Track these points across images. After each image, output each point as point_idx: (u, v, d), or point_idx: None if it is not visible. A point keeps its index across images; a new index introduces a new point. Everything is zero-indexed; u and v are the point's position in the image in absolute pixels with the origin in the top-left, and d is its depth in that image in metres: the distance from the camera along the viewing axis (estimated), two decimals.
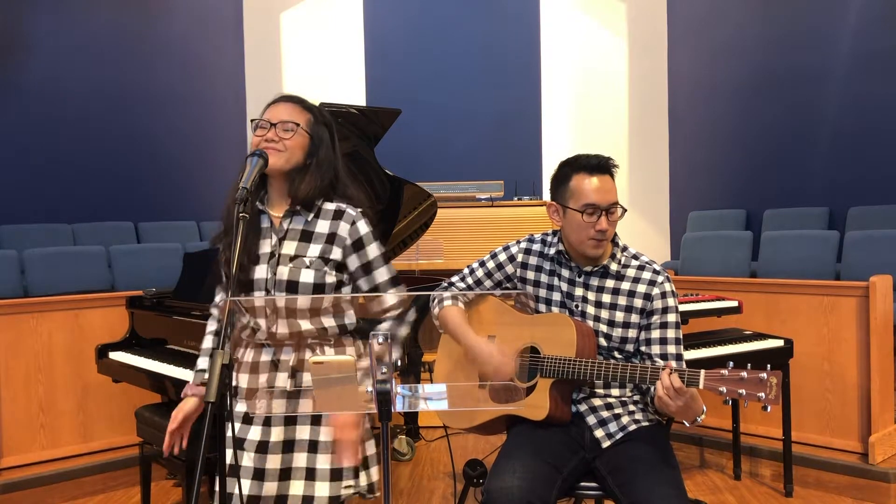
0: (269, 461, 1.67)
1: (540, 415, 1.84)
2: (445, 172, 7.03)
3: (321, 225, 1.72)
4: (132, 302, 3.09)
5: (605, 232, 1.85)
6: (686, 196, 7.35)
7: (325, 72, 7.96)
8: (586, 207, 1.85)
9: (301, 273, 1.67)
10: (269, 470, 1.67)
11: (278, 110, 1.72)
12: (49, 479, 3.15)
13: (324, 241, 1.71)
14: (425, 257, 5.26)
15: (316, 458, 1.70)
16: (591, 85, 7.77)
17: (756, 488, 3.07)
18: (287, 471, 1.69)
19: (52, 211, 6.22)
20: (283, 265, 1.68)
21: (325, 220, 1.73)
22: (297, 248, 1.70)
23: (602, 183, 1.87)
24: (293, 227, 1.72)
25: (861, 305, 3.10)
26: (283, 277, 1.67)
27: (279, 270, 1.68)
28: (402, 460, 3.48)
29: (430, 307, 2.09)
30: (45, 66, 6.27)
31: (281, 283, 1.67)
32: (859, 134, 5.52)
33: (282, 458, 1.68)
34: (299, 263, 1.68)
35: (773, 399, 1.50)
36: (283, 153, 1.68)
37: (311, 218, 1.72)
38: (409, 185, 3.28)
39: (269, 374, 1.69)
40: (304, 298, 1.67)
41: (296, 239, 1.71)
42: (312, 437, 1.70)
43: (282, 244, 1.70)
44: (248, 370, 1.72)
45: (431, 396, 1.40)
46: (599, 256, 1.92)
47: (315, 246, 1.70)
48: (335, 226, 1.72)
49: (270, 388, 1.67)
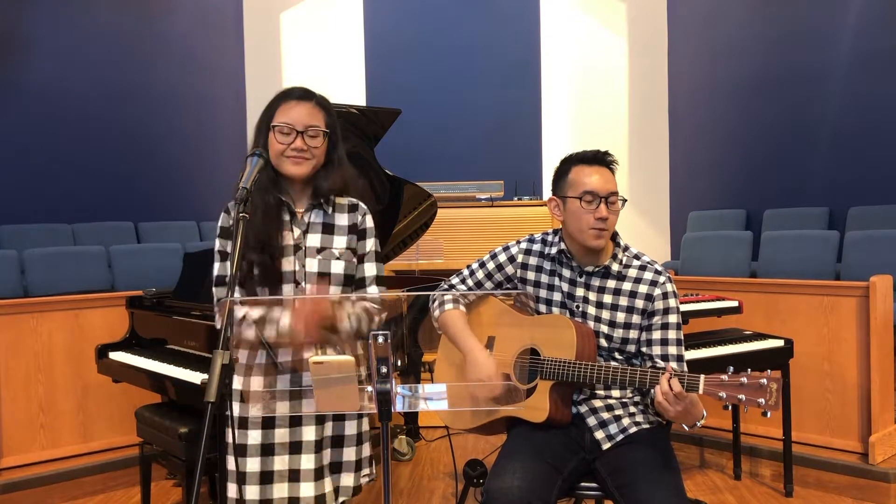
0: (276, 463, 1.68)
1: (540, 417, 1.83)
2: (445, 172, 7.04)
3: (340, 218, 1.79)
4: (132, 302, 3.08)
5: (606, 221, 1.84)
6: (686, 196, 7.34)
7: (325, 72, 7.96)
8: (585, 194, 1.85)
9: (332, 264, 1.73)
10: (277, 472, 1.67)
11: (300, 113, 1.70)
12: (49, 479, 3.15)
13: (347, 233, 1.78)
14: (425, 257, 5.26)
15: (323, 456, 1.71)
16: (591, 85, 7.77)
17: (756, 488, 3.07)
18: (296, 472, 1.69)
19: (52, 211, 6.22)
20: (311, 257, 1.73)
21: (341, 213, 1.80)
22: (322, 240, 1.75)
23: (600, 173, 1.88)
24: (314, 221, 1.76)
25: (861, 305, 3.10)
26: (313, 269, 1.72)
27: (308, 262, 1.72)
28: (402, 460, 3.47)
29: (429, 308, 2.08)
30: (45, 66, 6.27)
31: (311, 275, 1.72)
32: (859, 134, 5.52)
33: (289, 459, 1.69)
34: (328, 255, 1.74)
35: (772, 405, 1.50)
36: (311, 161, 1.72)
37: (331, 211, 1.78)
38: (409, 185, 3.28)
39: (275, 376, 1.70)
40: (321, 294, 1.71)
41: (319, 231, 1.75)
42: (317, 436, 1.71)
43: (306, 237, 1.74)
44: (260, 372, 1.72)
45: (431, 397, 1.40)
46: (600, 250, 1.91)
47: (339, 238, 1.77)
48: (353, 217, 1.81)
49: (271, 390, 1.67)
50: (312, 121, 1.71)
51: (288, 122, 1.69)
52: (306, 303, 1.63)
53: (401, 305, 1.83)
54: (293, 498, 1.69)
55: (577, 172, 1.89)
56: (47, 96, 6.28)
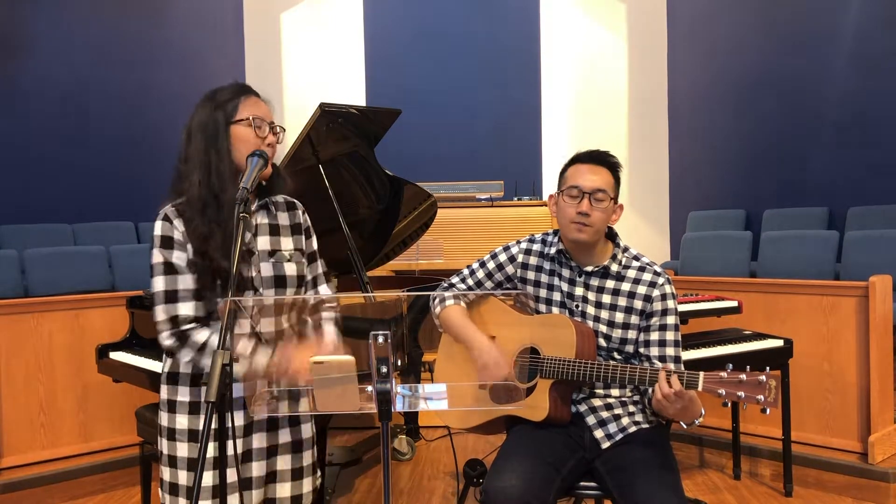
0: (255, 469, 1.67)
1: (539, 415, 1.84)
2: (445, 172, 7.03)
3: (282, 217, 1.74)
4: (132, 302, 3.08)
5: (589, 217, 1.85)
6: (686, 196, 7.35)
7: (326, 72, 7.97)
8: (569, 189, 1.89)
9: (285, 267, 1.68)
10: (255, 478, 1.66)
11: (264, 109, 1.68)
12: (49, 479, 3.15)
13: (291, 233, 1.73)
14: (425, 257, 5.26)
15: (302, 457, 1.72)
16: (591, 85, 7.77)
17: (756, 488, 3.07)
18: (273, 474, 1.69)
19: (52, 211, 6.22)
20: (264, 261, 1.67)
21: (282, 212, 1.74)
22: (271, 242, 1.70)
23: (591, 170, 1.90)
24: (262, 222, 1.71)
25: (861, 305, 3.11)
26: (268, 273, 1.66)
27: (262, 267, 1.66)
28: (403, 460, 3.48)
29: (430, 307, 2.09)
30: (45, 66, 6.28)
31: (268, 279, 1.66)
32: (859, 134, 5.52)
33: (267, 464, 1.68)
34: (280, 258, 1.68)
35: (771, 402, 1.50)
36: (272, 161, 1.66)
37: (274, 211, 1.73)
38: (409, 185, 3.28)
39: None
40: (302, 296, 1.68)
41: (267, 233, 1.70)
42: (294, 437, 1.71)
43: (256, 240, 1.68)
44: None
45: (431, 396, 1.40)
46: (598, 250, 1.92)
47: (286, 239, 1.72)
48: (294, 216, 1.75)
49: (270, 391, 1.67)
50: (271, 116, 1.68)
51: (260, 116, 1.64)
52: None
53: (401, 305, 1.83)
54: (269, 499, 1.68)
55: (572, 170, 1.93)
56: (47, 96, 6.29)
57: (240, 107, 1.64)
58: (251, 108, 1.65)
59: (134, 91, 6.81)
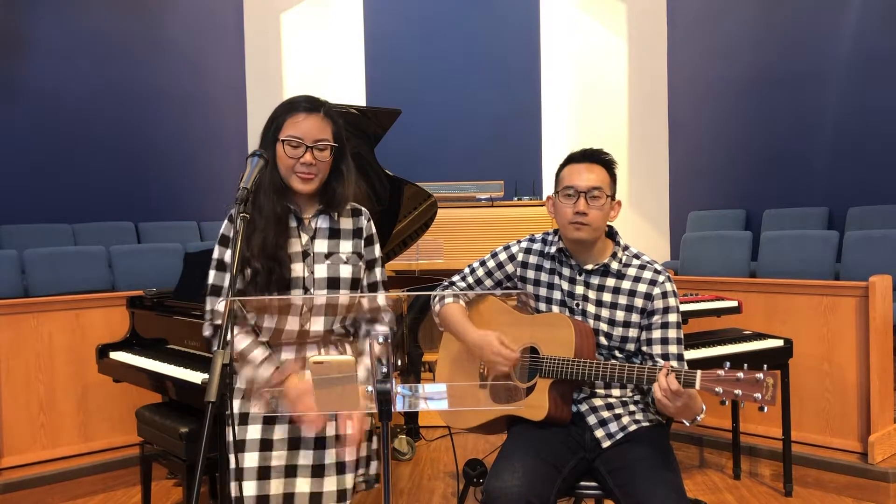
0: (274, 459, 1.68)
1: (539, 415, 1.84)
2: (445, 172, 7.04)
3: (345, 222, 1.80)
4: (133, 302, 3.09)
5: (586, 216, 1.86)
6: (686, 196, 7.35)
7: (325, 72, 7.97)
8: (565, 189, 1.90)
9: (340, 269, 1.74)
10: (274, 468, 1.68)
11: (309, 126, 1.68)
12: (49, 479, 3.15)
13: (352, 237, 1.79)
14: (425, 257, 5.26)
15: (324, 454, 1.71)
16: (591, 85, 7.77)
17: (756, 488, 3.07)
18: (293, 468, 1.70)
19: (52, 211, 6.22)
20: (320, 263, 1.73)
21: (346, 217, 1.81)
22: (329, 245, 1.76)
23: (586, 169, 1.90)
24: (321, 226, 1.77)
25: (860, 305, 3.11)
26: (322, 275, 1.72)
27: (317, 268, 1.72)
28: (403, 460, 3.48)
29: (430, 306, 2.09)
30: (45, 67, 6.27)
31: (321, 280, 1.72)
32: (859, 134, 5.52)
33: (287, 455, 1.69)
34: (336, 260, 1.74)
35: (769, 400, 1.50)
36: (318, 177, 1.71)
37: (336, 217, 1.79)
38: (410, 185, 3.28)
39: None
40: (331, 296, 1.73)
41: (326, 237, 1.76)
42: (318, 433, 1.71)
43: (313, 242, 1.75)
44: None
45: (431, 396, 1.40)
46: (598, 249, 1.93)
47: (345, 242, 1.78)
48: (357, 222, 1.81)
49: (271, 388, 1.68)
50: (321, 134, 1.69)
51: (296, 136, 1.67)
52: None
53: (401, 305, 1.84)
54: (288, 494, 1.69)
55: (567, 170, 1.94)
56: (47, 96, 6.29)
57: (284, 125, 1.69)
58: (292, 126, 1.68)
59: (134, 91, 6.81)
